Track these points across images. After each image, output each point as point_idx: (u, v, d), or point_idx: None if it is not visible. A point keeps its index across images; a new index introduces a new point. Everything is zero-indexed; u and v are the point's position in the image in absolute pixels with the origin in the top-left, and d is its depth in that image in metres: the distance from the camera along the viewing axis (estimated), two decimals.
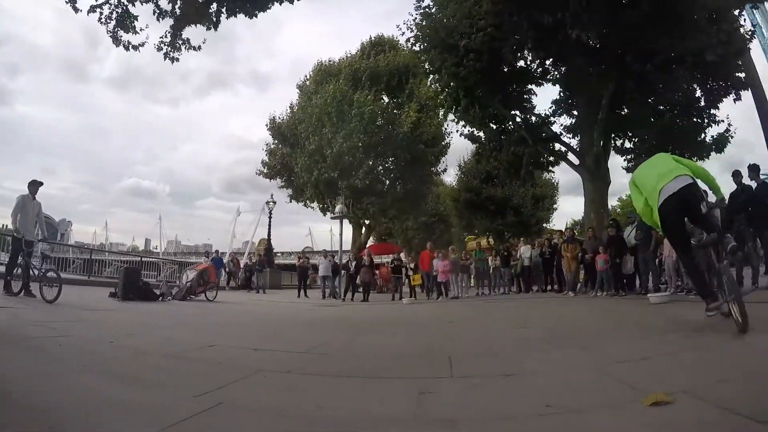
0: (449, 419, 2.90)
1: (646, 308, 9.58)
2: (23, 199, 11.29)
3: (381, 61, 34.43)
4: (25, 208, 11.22)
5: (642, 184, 6.40)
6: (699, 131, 20.56)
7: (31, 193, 11.49)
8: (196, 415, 2.99)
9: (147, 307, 12.39)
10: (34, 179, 11.64)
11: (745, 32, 18.02)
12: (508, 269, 20.40)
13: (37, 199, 11.58)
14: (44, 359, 4.57)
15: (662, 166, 6.30)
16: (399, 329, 9.35)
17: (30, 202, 11.38)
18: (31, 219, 11.41)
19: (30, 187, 11.51)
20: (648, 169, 6.51)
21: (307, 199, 35.39)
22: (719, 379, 3.35)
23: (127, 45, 11.97)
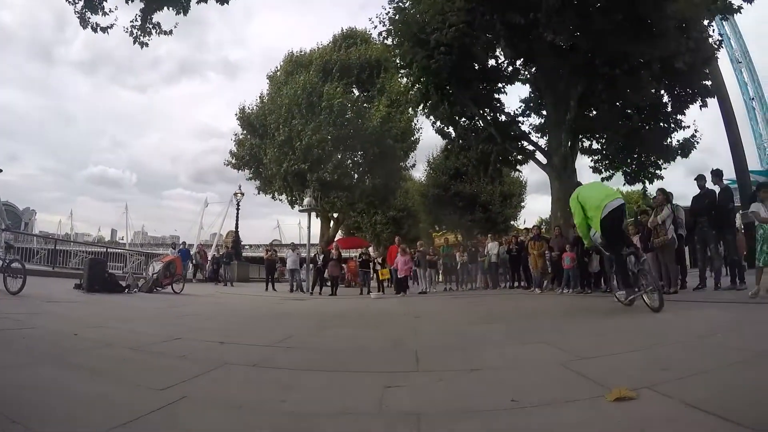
0: (414, 413, 2.91)
1: (611, 306, 9.70)
2: None
3: (352, 53, 34.27)
4: None
5: (586, 201, 8.74)
6: (665, 135, 20.86)
7: None
8: (160, 409, 2.97)
9: (112, 300, 12.23)
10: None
11: (714, 42, 18.33)
12: (476, 265, 20.54)
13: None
14: (7, 351, 4.52)
15: (604, 190, 9.26)
16: (366, 323, 9.36)
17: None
18: None
19: None
20: (592, 191, 8.97)
21: (276, 191, 35.11)
22: (682, 375, 3.40)
23: (96, 27, 11.73)
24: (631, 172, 22.20)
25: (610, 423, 2.60)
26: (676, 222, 11.63)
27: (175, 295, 15.47)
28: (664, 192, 12.16)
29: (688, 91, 19.36)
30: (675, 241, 11.48)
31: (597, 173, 23.19)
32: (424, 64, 18.69)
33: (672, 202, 11.97)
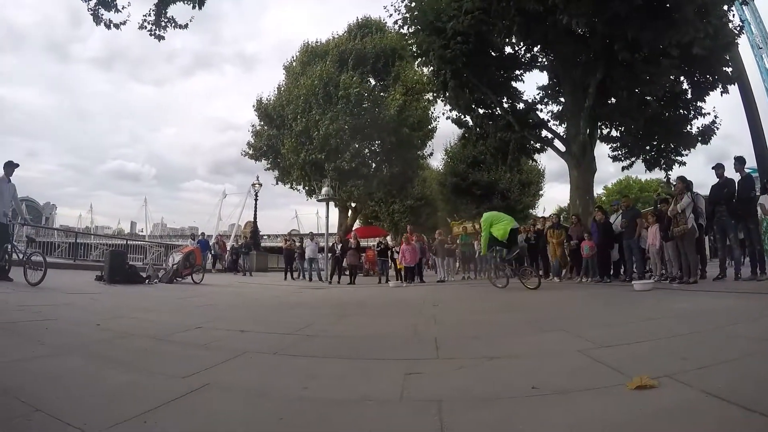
0: (435, 400, 2.91)
1: (630, 295, 9.66)
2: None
3: (368, 43, 34.14)
4: (1, 191, 11.11)
5: (496, 222, 12.98)
6: (685, 123, 20.63)
7: (6, 175, 11.33)
8: (183, 397, 3.00)
9: (133, 290, 12.35)
10: (10, 160, 11.41)
11: (734, 27, 18.01)
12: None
13: (12, 181, 11.43)
14: (30, 343, 4.55)
15: (508, 216, 13.44)
16: (385, 312, 9.39)
17: (5, 184, 11.24)
18: (7, 202, 11.23)
19: (5, 169, 11.36)
20: (501, 217, 13.25)
21: (293, 182, 35.18)
22: (702, 365, 3.38)
23: (109, 23, 11.79)
24: (650, 160, 21.99)
25: (632, 411, 2.59)
26: (696, 211, 11.50)
27: (195, 285, 15.60)
28: (684, 180, 11.98)
29: (708, 77, 19.10)
30: (695, 230, 11.35)
31: (616, 161, 23.04)
32: (440, 54, 18.60)
33: (692, 191, 11.84)
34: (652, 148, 21.87)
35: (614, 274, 14.24)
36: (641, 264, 13.69)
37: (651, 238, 12.62)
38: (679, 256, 11.54)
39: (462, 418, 2.64)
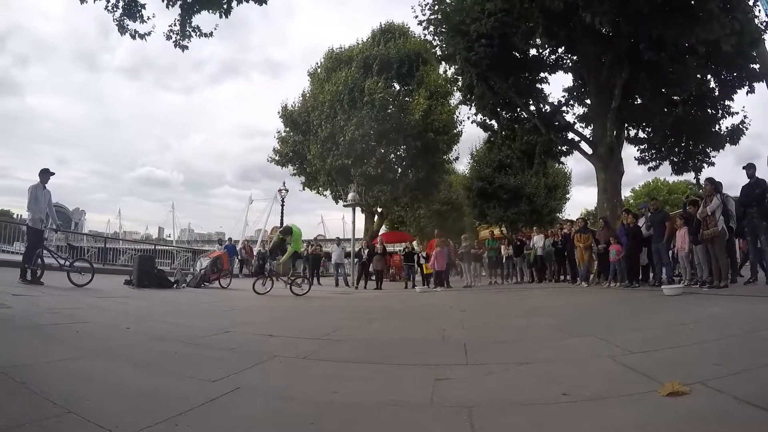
0: (465, 405, 2.91)
1: (660, 299, 9.54)
2: (35, 189, 11.51)
3: (391, 48, 34.03)
4: (37, 198, 11.45)
5: (296, 235, 15.73)
6: (713, 122, 20.34)
7: (42, 182, 11.64)
8: (213, 400, 3.03)
9: (162, 294, 12.47)
10: (46, 168, 11.81)
11: (760, 23, 17.76)
12: (521, 258, 20.40)
13: (47, 188, 11.76)
14: (62, 346, 4.62)
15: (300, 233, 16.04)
16: (412, 317, 9.39)
17: (41, 191, 11.57)
18: (43, 208, 11.60)
19: (41, 176, 11.67)
20: (299, 233, 16.02)
21: (320, 187, 35.29)
22: (734, 371, 3.33)
23: (134, 34, 11.95)
24: (678, 162, 21.72)
25: (664, 418, 2.57)
26: (726, 213, 11.29)
27: (223, 290, 15.74)
28: (713, 181, 11.75)
29: (735, 75, 18.84)
30: (725, 233, 11.14)
31: (643, 163, 22.80)
32: (465, 56, 18.58)
33: (721, 192, 11.63)
34: (680, 150, 21.60)
35: (643, 278, 14.05)
36: (670, 268, 13.51)
37: (680, 242, 12.45)
38: (709, 260, 11.33)
39: (493, 424, 2.64)
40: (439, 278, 18.72)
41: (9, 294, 8.25)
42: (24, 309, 7.02)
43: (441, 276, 18.81)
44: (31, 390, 3.05)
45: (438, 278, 18.76)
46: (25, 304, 7.56)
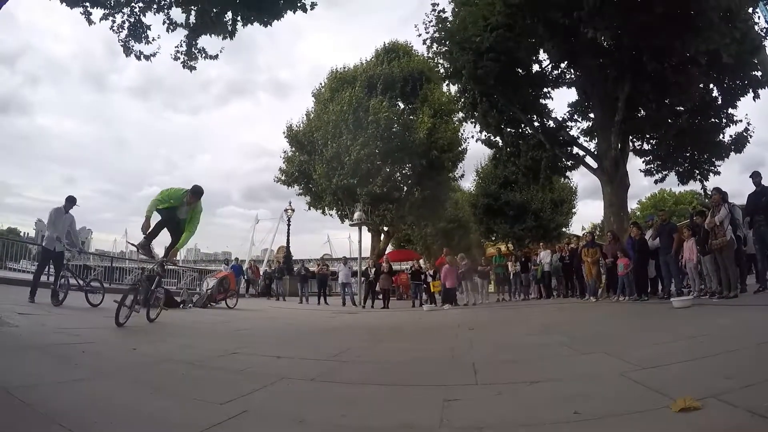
0: (476, 427, 2.89)
1: (670, 312, 9.48)
2: (55, 213, 11.72)
3: (395, 67, 34.20)
4: (55, 221, 11.65)
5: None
6: (717, 131, 20.35)
7: (65, 207, 11.84)
8: (221, 423, 3.01)
9: (168, 315, 12.44)
10: (72, 196, 12.07)
11: (760, 30, 17.83)
12: (528, 275, 20.32)
13: (70, 213, 11.97)
14: (67, 366, 4.61)
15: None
16: (421, 336, 9.35)
17: (61, 216, 11.73)
18: (61, 231, 11.73)
19: (66, 203, 11.90)
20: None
21: (326, 206, 35.32)
22: (747, 383, 3.30)
23: (139, 55, 12.08)
24: (684, 172, 21.69)
25: None
26: (734, 222, 11.25)
27: (229, 310, 15.73)
28: (720, 191, 11.76)
29: (738, 83, 18.86)
30: (734, 242, 11.08)
31: (649, 175, 22.76)
32: (470, 72, 18.62)
33: (728, 202, 11.60)
34: (685, 160, 21.57)
35: (652, 291, 13.97)
36: (679, 280, 13.44)
37: (688, 253, 12.39)
38: (718, 270, 11.27)
39: None
40: (447, 296, 18.62)
41: (15, 313, 8.25)
42: (30, 328, 7.04)
43: (450, 293, 18.71)
44: (36, 411, 3.05)
45: (447, 296, 18.66)
46: (32, 323, 7.56)
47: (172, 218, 9.16)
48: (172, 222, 9.24)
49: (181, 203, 8.99)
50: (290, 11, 11.86)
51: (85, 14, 11.10)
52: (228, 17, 11.79)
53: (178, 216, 9.14)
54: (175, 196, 8.98)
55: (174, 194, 9.01)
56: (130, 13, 11.66)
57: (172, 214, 9.08)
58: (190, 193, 9.01)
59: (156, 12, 11.76)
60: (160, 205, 8.86)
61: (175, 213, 9.08)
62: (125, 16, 11.65)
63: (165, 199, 8.92)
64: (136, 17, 11.74)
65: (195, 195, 9.06)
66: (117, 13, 11.52)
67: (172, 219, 9.17)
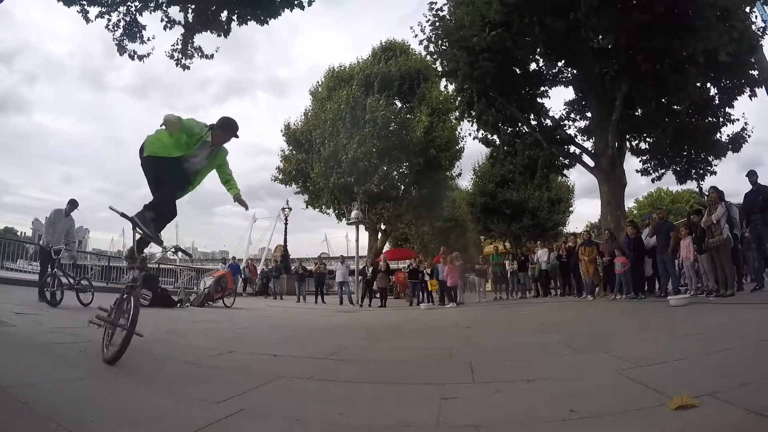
0: (473, 425, 2.89)
1: (666, 311, 9.50)
2: (55, 214, 11.84)
3: (392, 65, 34.26)
4: (54, 223, 11.75)
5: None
6: (714, 131, 20.40)
7: (66, 210, 11.92)
8: (218, 422, 3.01)
9: (165, 314, 12.43)
10: (73, 199, 12.12)
11: (757, 29, 17.88)
12: (525, 273, 20.32)
13: (71, 216, 12.05)
14: (65, 365, 4.60)
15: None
16: (418, 335, 9.34)
17: (61, 218, 11.82)
18: (59, 233, 11.78)
19: (67, 205, 11.98)
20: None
21: (323, 205, 35.30)
22: (744, 381, 3.31)
23: (133, 55, 12.09)
24: (681, 171, 21.73)
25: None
26: (730, 221, 11.27)
27: (226, 309, 15.72)
28: (717, 190, 11.79)
29: (735, 82, 18.90)
30: (731, 241, 11.10)
31: (646, 175, 22.80)
32: (467, 72, 18.62)
33: (725, 200, 11.64)
34: (682, 159, 21.62)
35: (649, 289, 13.99)
36: (676, 278, 13.47)
37: (684, 252, 12.43)
38: (715, 269, 11.29)
39: None
40: (450, 294, 18.59)
41: (12, 312, 8.23)
42: (28, 327, 7.04)
43: (452, 292, 18.69)
44: (34, 410, 3.03)
45: (449, 294, 18.63)
46: (29, 323, 7.55)
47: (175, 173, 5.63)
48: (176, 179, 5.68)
49: (201, 145, 5.64)
50: (287, 9, 11.87)
51: (82, 12, 11.10)
52: (224, 16, 11.80)
53: (189, 168, 5.76)
54: (191, 133, 5.53)
55: (188, 128, 5.50)
56: (126, 12, 11.66)
57: (176, 166, 5.59)
58: (219, 129, 5.72)
59: (153, 10, 11.76)
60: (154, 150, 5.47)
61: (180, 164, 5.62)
62: (121, 15, 11.65)
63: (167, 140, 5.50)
64: (132, 16, 11.74)
65: (227, 130, 5.78)
66: (113, 12, 11.51)
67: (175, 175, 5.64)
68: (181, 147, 5.52)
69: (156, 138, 5.57)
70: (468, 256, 22.22)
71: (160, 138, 5.53)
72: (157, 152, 5.45)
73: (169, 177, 5.56)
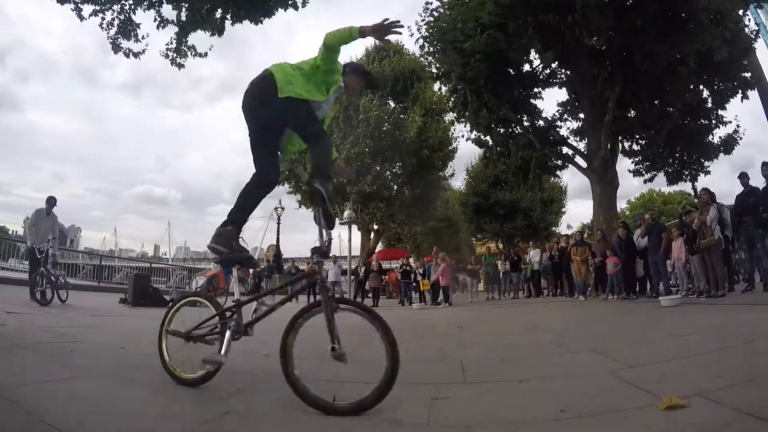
0: (463, 425, 2.89)
1: (658, 311, 9.54)
2: (36, 215, 11.92)
3: (386, 65, 34.36)
4: (36, 223, 11.85)
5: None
6: (707, 133, 20.53)
7: (46, 210, 12.01)
8: (207, 422, 3.00)
9: (157, 313, 12.32)
10: (50, 196, 12.25)
11: (750, 32, 18.01)
12: (518, 274, 20.37)
13: (53, 213, 12.16)
14: (56, 365, 4.57)
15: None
16: (409, 335, 9.31)
17: (43, 217, 11.92)
18: (43, 232, 11.83)
19: (47, 204, 12.09)
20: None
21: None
22: (734, 382, 3.32)
23: (128, 52, 12.07)
24: (672, 173, 21.85)
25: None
26: (722, 222, 11.35)
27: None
28: (709, 191, 11.89)
29: (728, 84, 19.03)
30: (722, 242, 11.18)
31: (638, 175, 22.91)
32: (460, 72, 18.65)
33: (717, 202, 11.71)
34: (674, 161, 21.77)
35: (641, 290, 14.05)
36: (667, 279, 13.53)
37: (676, 253, 12.50)
38: (706, 270, 11.37)
39: None
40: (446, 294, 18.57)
41: (3, 312, 8.20)
42: (18, 327, 7.00)
43: (445, 291, 18.68)
44: (25, 410, 3.01)
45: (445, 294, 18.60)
46: (20, 322, 7.53)
47: (319, 125, 4.30)
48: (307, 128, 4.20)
49: (336, 90, 4.32)
50: (281, 8, 11.86)
51: (76, 10, 11.07)
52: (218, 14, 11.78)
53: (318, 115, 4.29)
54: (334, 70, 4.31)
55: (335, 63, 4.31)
56: (120, 10, 11.63)
57: (315, 115, 4.21)
58: (353, 74, 4.47)
59: (146, 9, 11.74)
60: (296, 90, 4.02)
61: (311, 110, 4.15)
62: (115, 13, 11.62)
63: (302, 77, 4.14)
64: (126, 14, 11.71)
65: (363, 76, 4.57)
66: (107, 10, 11.48)
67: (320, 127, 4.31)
68: (321, 89, 4.19)
69: (290, 73, 4.12)
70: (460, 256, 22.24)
71: (294, 74, 4.12)
72: (301, 93, 4.03)
73: (317, 130, 4.21)
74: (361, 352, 3.99)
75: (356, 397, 3.39)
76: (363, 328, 3.72)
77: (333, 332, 3.74)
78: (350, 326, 3.65)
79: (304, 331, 4.02)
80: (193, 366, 3.94)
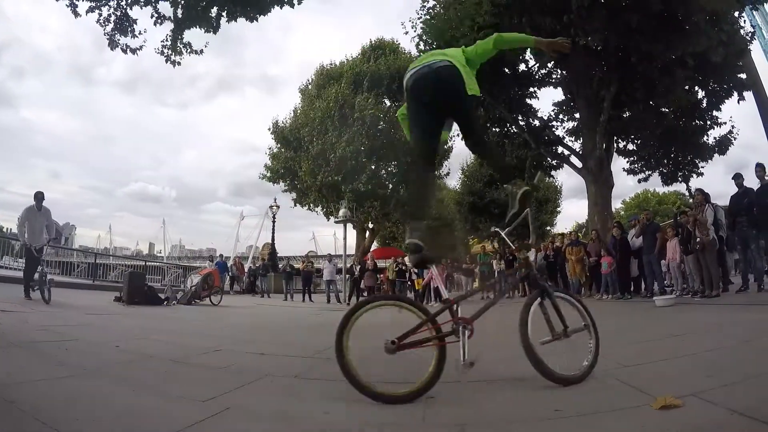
0: (458, 423, 2.89)
1: (652, 311, 9.56)
2: (27, 212, 11.79)
3: (381, 64, 34.35)
4: (29, 220, 11.72)
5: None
6: (702, 133, 20.60)
7: (36, 206, 11.92)
8: (203, 421, 2.99)
9: (152, 312, 12.38)
10: (38, 192, 12.10)
11: (746, 33, 18.08)
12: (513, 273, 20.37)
13: (45, 207, 12.05)
14: (51, 364, 4.56)
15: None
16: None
17: (35, 214, 11.82)
18: (38, 230, 11.83)
19: (35, 201, 11.98)
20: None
21: (311, 203, 35.32)
22: (727, 382, 3.34)
23: (125, 48, 12.02)
24: (667, 173, 21.92)
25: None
26: (716, 223, 11.39)
27: (213, 307, 15.68)
28: (703, 192, 11.95)
29: (723, 86, 19.10)
30: (716, 242, 11.23)
31: (632, 174, 22.98)
32: None
33: (711, 203, 11.76)
34: (669, 161, 21.83)
35: (635, 290, 14.08)
36: (662, 279, 13.56)
37: (671, 253, 12.52)
38: (701, 270, 11.41)
39: None
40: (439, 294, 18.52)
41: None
42: (13, 325, 6.97)
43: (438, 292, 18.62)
44: (19, 409, 3.01)
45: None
46: (15, 321, 7.49)
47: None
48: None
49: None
50: (276, 6, 11.84)
51: (71, 6, 11.03)
52: (213, 12, 11.76)
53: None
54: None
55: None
56: (116, 6, 11.60)
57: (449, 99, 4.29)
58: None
59: (143, 5, 11.71)
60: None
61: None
62: (111, 9, 11.59)
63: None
64: (123, 10, 11.68)
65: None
66: (103, 6, 11.45)
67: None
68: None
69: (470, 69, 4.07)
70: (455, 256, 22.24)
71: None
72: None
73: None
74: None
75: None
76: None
77: (562, 317, 4.28)
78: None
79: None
80: None
